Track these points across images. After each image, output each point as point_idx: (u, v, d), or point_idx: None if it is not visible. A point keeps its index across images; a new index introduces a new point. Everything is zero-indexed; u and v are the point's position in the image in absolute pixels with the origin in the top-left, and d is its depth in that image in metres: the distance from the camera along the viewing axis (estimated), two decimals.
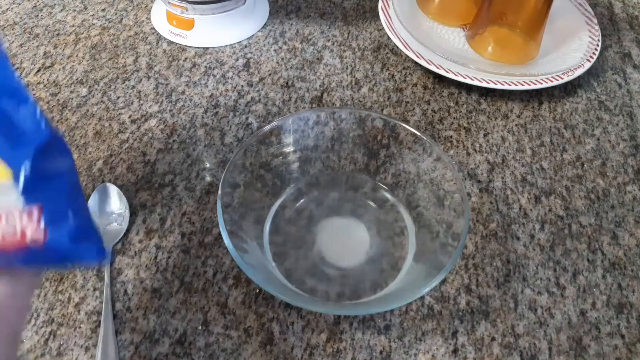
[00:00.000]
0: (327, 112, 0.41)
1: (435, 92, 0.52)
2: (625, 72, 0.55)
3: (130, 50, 0.55)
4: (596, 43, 0.54)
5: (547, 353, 0.35)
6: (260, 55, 0.55)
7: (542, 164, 0.46)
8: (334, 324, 0.36)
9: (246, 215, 0.38)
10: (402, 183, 0.41)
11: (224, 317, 0.36)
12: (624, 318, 0.37)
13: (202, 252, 0.40)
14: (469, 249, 0.40)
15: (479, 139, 0.48)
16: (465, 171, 0.45)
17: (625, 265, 0.40)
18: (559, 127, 0.50)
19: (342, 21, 0.60)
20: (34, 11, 0.60)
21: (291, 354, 0.35)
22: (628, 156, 0.48)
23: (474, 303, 0.38)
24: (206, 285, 0.38)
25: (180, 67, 0.54)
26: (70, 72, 0.53)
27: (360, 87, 0.52)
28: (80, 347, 0.35)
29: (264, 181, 0.40)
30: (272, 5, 0.61)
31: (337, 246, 0.39)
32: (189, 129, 0.48)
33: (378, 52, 0.56)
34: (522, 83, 0.50)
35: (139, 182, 0.44)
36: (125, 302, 0.37)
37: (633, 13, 0.63)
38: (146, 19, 0.59)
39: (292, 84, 0.52)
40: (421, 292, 0.32)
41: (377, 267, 0.38)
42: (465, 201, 0.35)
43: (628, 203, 0.44)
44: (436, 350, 0.35)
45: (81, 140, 0.47)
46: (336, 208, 0.41)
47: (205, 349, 0.35)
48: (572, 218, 0.43)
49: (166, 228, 0.41)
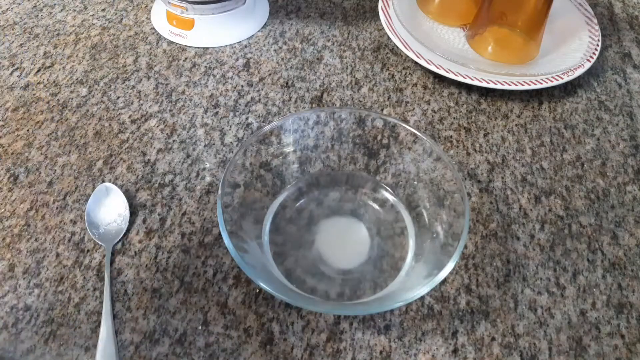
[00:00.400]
0: (327, 112, 0.41)
1: (435, 92, 0.52)
2: (625, 72, 0.55)
3: (130, 50, 0.55)
4: (596, 43, 0.54)
5: (547, 353, 0.35)
6: (260, 55, 0.55)
7: (542, 164, 0.46)
8: (334, 324, 0.36)
9: (246, 215, 0.38)
10: (402, 183, 0.41)
11: (224, 317, 0.36)
12: (624, 318, 0.37)
13: (202, 252, 0.40)
14: (469, 249, 0.40)
15: (479, 139, 0.48)
16: (465, 171, 0.45)
17: (625, 265, 0.40)
18: (559, 127, 0.50)
19: (342, 21, 0.60)
20: (34, 11, 0.60)
21: (291, 354, 0.35)
22: (628, 156, 0.48)
23: (474, 303, 0.38)
24: (206, 285, 0.38)
25: (180, 67, 0.54)
26: (70, 72, 0.53)
27: (360, 87, 0.52)
28: (80, 347, 0.35)
29: (264, 181, 0.40)
30: (272, 5, 0.61)
31: (337, 246, 0.39)
32: (189, 129, 0.48)
33: (378, 52, 0.56)
34: (522, 83, 0.50)
35: (139, 182, 0.44)
36: (125, 302, 0.37)
37: (633, 13, 0.63)
38: (146, 19, 0.59)
39: (292, 84, 0.52)
40: (421, 292, 0.32)
41: (377, 267, 0.38)
42: (465, 201, 0.35)
43: (628, 203, 0.44)
44: (436, 350, 0.35)
45: (81, 140, 0.47)
46: (336, 208, 0.41)
47: (205, 349, 0.35)
48: (572, 218, 0.43)
49: (166, 228, 0.41)
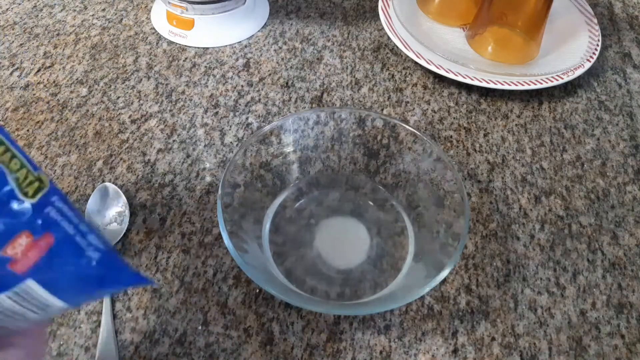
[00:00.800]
0: (327, 112, 0.41)
1: (435, 92, 0.52)
2: (625, 72, 0.55)
3: (130, 50, 0.55)
4: (596, 43, 0.54)
5: (547, 353, 0.35)
6: (260, 55, 0.55)
7: (542, 164, 0.46)
8: (334, 324, 0.36)
9: (246, 215, 0.38)
10: (402, 183, 0.41)
11: (224, 317, 0.36)
12: (624, 318, 0.37)
13: (202, 252, 0.40)
14: (469, 249, 0.40)
15: (479, 139, 0.48)
16: (465, 171, 0.45)
17: (625, 265, 0.40)
18: (559, 127, 0.50)
19: (342, 21, 0.60)
20: (34, 11, 0.60)
21: (291, 354, 0.35)
22: (628, 156, 0.48)
23: (474, 303, 0.38)
24: (206, 285, 0.38)
25: (180, 67, 0.54)
26: (70, 72, 0.53)
27: (360, 87, 0.52)
28: (80, 347, 0.35)
29: (264, 181, 0.40)
30: (272, 5, 0.61)
31: (337, 246, 0.39)
32: (189, 129, 0.48)
33: (378, 52, 0.56)
34: (522, 83, 0.50)
35: (139, 182, 0.44)
36: (125, 302, 0.37)
37: (633, 13, 0.63)
38: (146, 19, 0.59)
39: (292, 84, 0.52)
40: (421, 292, 0.32)
41: (377, 267, 0.38)
42: (465, 201, 0.35)
43: (628, 203, 0.44)
44: (436, 350, 0.35)
45: (81, 140, 0.47)
46: (336, 208, 0.41)
47: (205, 349, 0.35)
48: (572, 218, 0.43)
49: (166, 228, 0.41)
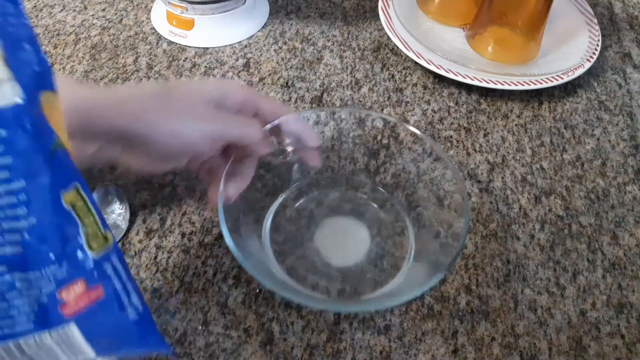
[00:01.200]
0: (327, 112, 0.41)
1: (435, 92, 0.52)
2: (625, 72, 0.55)
3: (130, 50, 0.55)
4: (596, 43, 0.54)
5: (547, 353, 0.35)
6: (260, 55, 0.55)
7: (542, 164, 0.46)
8: (334, 324, 0.36)
9: (246, 215, 0.38)
10: (402, 183, 0.41)
11: (224, 317, 0.36)
12: (624, 318, 0.37)
13: (202, 252, 0.40)
14: (469, 249, 0.40)
15: (479, 139, 0.48)
16: (465, 171, 0.45)
17: (625, 265, 0.40)
18: (559, 127, 0.50)
19: (342, 21, 0.60)
20: (34, 11, 0.60)
21: (291, 354, 0.35)
22: (628, 156, 0.48)
23: (474, 303, 0.37)
24: (206, 285, 0.38)
25: (180, 67, 0.54)
26: (70, 72, 0.53)
27: (360, 87, 0.52)
28: None
29: (264, 181, 0.40)
30: (272, 5, 0.61)
31: (337, 246, 0.39)
32: None
33: (378, 52, 0.56)
34: (522, 83, 0.50)
35: (139, 182, 0.44)
36: None
37: (633, 13, 0.63)
38: (146, 19, 0.59)
39: (292, 84, 0.52)
40: (421, 291, 0.32)
41: (377, 267, 0.38)
42: (465, 201, 0.35)
43: (628, 203, 0.44)
44: (436, 350, 0.35)
45: None
46: (336, 208, 0.41)
47: (205, 349, 0.35)
48: (572, 218, 0.43)
49: (166, 228, 0.41)
